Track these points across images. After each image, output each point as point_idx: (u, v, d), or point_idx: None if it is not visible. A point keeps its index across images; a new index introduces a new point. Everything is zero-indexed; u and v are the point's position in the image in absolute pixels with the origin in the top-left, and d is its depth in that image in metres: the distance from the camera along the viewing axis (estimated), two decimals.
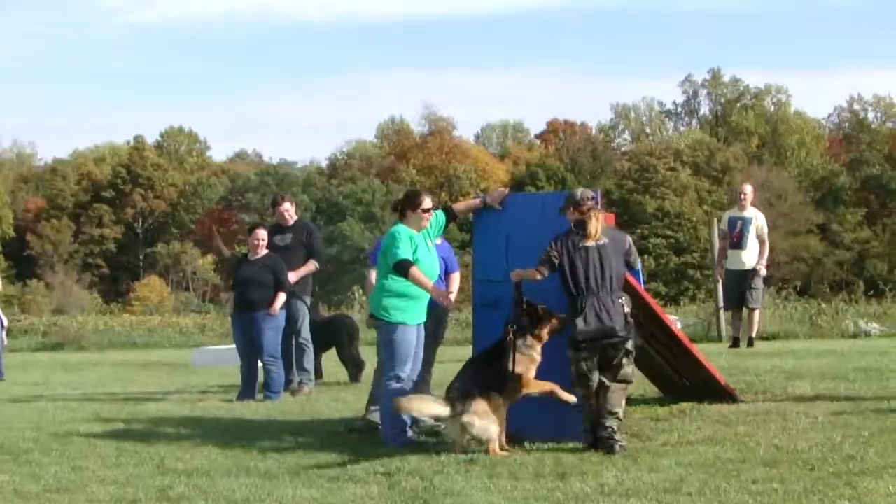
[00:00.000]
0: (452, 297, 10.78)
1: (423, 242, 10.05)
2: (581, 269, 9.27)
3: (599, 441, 9.19)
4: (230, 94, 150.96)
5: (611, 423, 9.17)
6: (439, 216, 10.37)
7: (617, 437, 9.14)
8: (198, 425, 11.89)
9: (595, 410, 9.22)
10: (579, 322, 9.17)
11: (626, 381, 9.45)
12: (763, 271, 18.57)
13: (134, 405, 14.06)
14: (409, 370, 9.91)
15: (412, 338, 9.97)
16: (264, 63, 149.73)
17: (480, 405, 9.12)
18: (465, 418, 9.09)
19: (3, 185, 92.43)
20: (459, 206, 10.81)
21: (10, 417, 13.10)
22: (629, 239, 9.79)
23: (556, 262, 9.31)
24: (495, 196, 10.37)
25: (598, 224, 9.39)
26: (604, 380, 9.28)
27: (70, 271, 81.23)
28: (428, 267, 9.92)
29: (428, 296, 9.99)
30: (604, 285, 9.28)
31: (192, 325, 39.69)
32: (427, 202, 10.13)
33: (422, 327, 10.15)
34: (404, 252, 9.73)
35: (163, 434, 11.06)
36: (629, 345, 9.40)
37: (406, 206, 10.14)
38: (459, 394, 9.20)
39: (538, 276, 9.35)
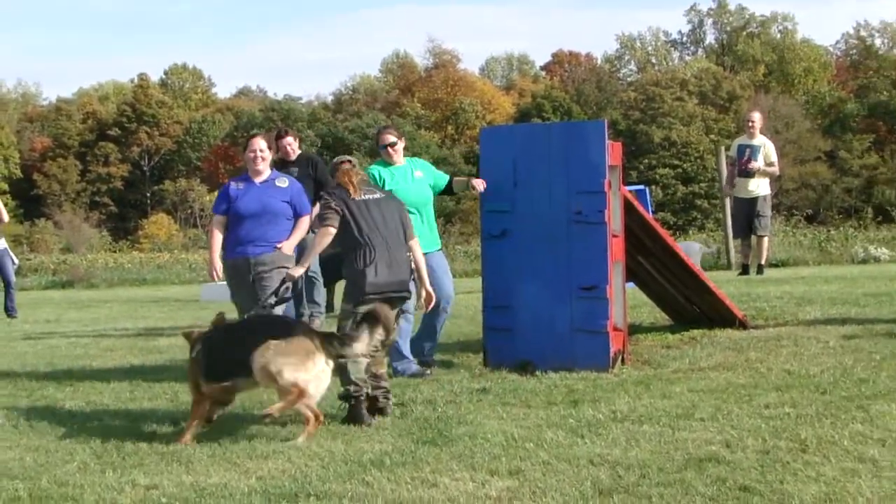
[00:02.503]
0: (293, 241, 10.05)
1: (401, 174, 10.39)
2: (364, 221, 8.52)
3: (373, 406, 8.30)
4: (234, 31, 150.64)
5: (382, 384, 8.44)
6: (437, 177, 10.58)
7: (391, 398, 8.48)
8: None
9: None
10: (369, 273, 8.33)
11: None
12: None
13: (145, 341, 14.11)
14: None
15: None
16: (268, 0, 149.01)
17: None
18: None
19: (8, 125, 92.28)
20: (460, 180, 10.77)
21: (23, 354, 13.16)
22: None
23: (339, 215, 8.55)
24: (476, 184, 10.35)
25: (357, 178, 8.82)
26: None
27: (78, 210, 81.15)
28: (406, 198, 9.69)
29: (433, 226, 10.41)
30: (391, 237, 8.57)
31: (201, 261, 39.76)
32: (387, 138, 10.59)
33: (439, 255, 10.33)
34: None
35: (175, 369, 11.10)
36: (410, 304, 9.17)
37: (376, 144, 10.69)
38: None
39: (328, 238, 8.57)
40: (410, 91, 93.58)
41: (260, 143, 9.99)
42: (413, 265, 8.67)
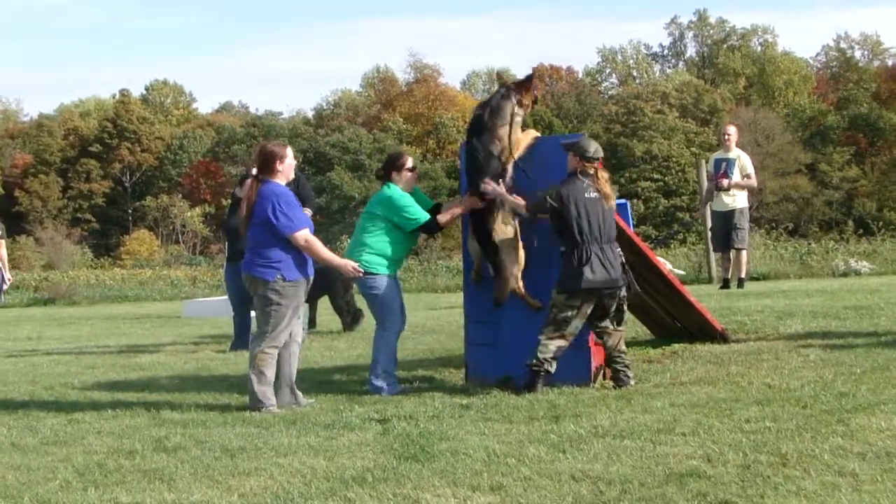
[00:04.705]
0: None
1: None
2: (586, 218, 9.46)
3: (614, 377, 9.62)
4: (215, 47, 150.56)
5: (623, 359, 9.61)
6: (423, 199, 10.51)
7: (630, 373, 9.60)
8: (192, 376, 11.95)
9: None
10: (586, 271, 9.35)
11: (625, 322, 9.86)
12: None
13: (128, 358, 14.10)
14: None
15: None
16: (249, 14, 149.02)
17: None
18: None
19: None
20: (444, 217, 10.30)
21: (5, 372, 13.13)
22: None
23: (558, 207, 9.49)
24: (467, 202, 10.24)
25: (608, 184, 9.68)
26: (609, 326, 9.62)
27: (59, 227, 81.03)
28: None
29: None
30: (606, 235, 9.54)
31: (182, 278, 39.80)
32: (410, 161, 10.42)
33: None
34: (419, 210, 10.09)
35: (157, 385, 11.11)
36: (623, 292, 9.65)
37: (391, 169, 10.34)
38: None
39: (525, 213, 9.74)
40: (391, 105, 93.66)
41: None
42: None
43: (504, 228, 9.82)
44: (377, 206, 10.20)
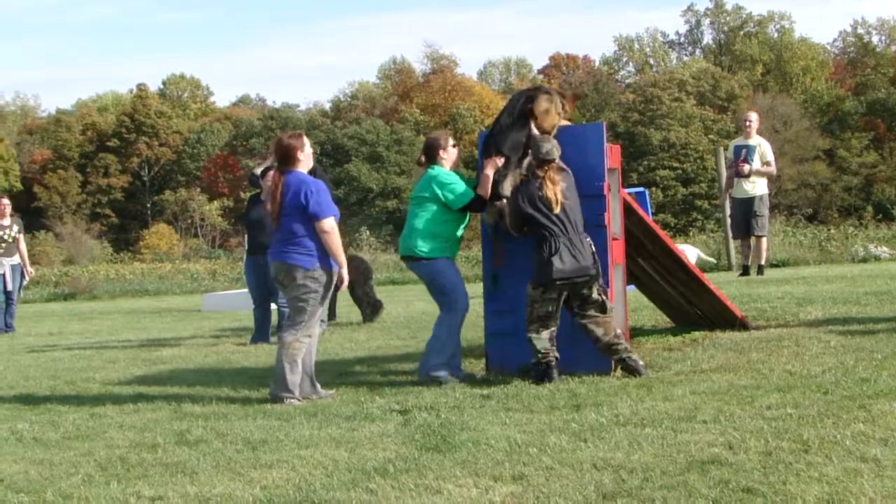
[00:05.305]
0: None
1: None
2: (547, 214, 9.52)
3: (624, 367, 9.55)
4: (232, 40, 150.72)
5: (622, 345, 9.57)
6: (465, 180, 10.42)
7: (634, 356, 9.57)
8: (213, 369, 11.98)
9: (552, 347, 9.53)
10: (556, 262, 9.37)
11: (609, 310, 9.69)
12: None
13: (148, 352, 14.13)
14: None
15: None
16: (265, 7, 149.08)
17: None
18: None
19: (7, 138, 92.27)
20: (481, 189, 10.08)
21: (26, 367, 13.17)
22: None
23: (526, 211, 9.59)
24: (490, 164, 10.19)
25: (557, 187, 9.56)
26: (597, 315, 9.58)
27: (79, 222, 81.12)
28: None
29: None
30: (573, 226, 9.52)
31: (202, 271, 39.87)
32: (451, 139, 10.47)
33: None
34: (465, 186, 10.10)
35: (178, 379, 11.13)
36: (600, 280, 9.63)
37: (434, 152, 10.31)
38: None
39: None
40: (409, 97, 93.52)
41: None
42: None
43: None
44: (425, 188, 10.15)
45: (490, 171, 9.95)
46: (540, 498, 5.84)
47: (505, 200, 9.81)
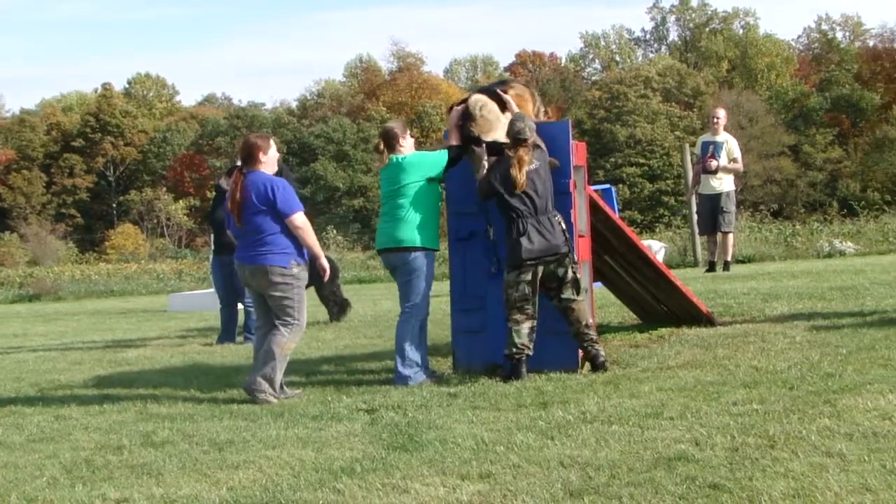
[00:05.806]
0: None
1: None
2: (513, 192, 9.54)
3: (590, 360, 9.62)
4: (198, 39, 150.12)
5: (591, 335, 9.64)
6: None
7: (600, 347, 9.65)
8: (179, 370, 11.93)
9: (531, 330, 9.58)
10: (524, 242, 9.42)
11: (584, 291, 9.78)
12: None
13: (114, 353, 14.06)
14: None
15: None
16: (231, 5, 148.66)
17: None
18: None
19: None
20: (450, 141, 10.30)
21: None
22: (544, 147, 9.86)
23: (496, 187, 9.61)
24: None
25: (524, 167, 9.55)
26: (573, 297, 9.63)
27: (44, 222, 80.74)
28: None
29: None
30: (542, 206, 9.54)
31: (168, 271, 39.76)
32: (406, 130, 10.43)
33: None
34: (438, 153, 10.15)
35: (144, 380, 11.08)
36: (572, 258, 9.69)
37: (394, 141, 10.22)
38: None
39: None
40: (375, 95, 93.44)
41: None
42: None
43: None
44: (398, 178, 9.99)
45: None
46: (507, 496, 5.84)
47: (484, 146, 9.85)
